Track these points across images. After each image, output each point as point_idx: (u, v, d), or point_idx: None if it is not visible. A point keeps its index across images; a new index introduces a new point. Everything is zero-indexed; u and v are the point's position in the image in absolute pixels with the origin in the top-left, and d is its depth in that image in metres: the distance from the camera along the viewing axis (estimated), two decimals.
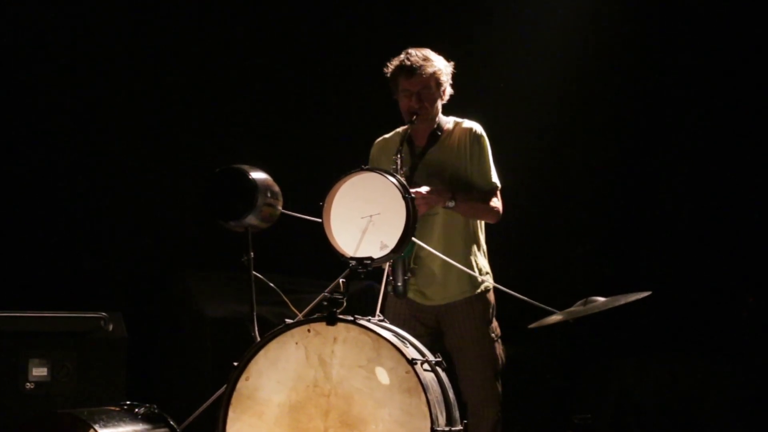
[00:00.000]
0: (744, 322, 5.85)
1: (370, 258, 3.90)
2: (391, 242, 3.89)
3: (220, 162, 4.17)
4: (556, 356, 6.09)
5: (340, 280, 3.88)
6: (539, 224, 6.82)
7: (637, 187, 6.72)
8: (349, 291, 3.84)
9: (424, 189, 4.46)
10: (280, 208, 4.14)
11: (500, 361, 4.70)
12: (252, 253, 4.11)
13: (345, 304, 3.77)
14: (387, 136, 4.82)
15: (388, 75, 4.68)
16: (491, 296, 4.72)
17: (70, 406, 4.31)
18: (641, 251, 6.62)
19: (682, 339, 6.17)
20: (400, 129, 4.75)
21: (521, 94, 6.53)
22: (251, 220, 4.05)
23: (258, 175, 4.07)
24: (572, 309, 4.14)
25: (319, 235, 3.98)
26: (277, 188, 4.13)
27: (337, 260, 3.98)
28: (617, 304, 4.08)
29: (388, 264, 4.37)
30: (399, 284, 4.51)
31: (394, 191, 3.92)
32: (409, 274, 4.54)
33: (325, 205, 3.99)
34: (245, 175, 4.03)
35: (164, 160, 6.10)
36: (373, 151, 4.85)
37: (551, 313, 4.17)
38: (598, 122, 6.75)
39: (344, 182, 4.01)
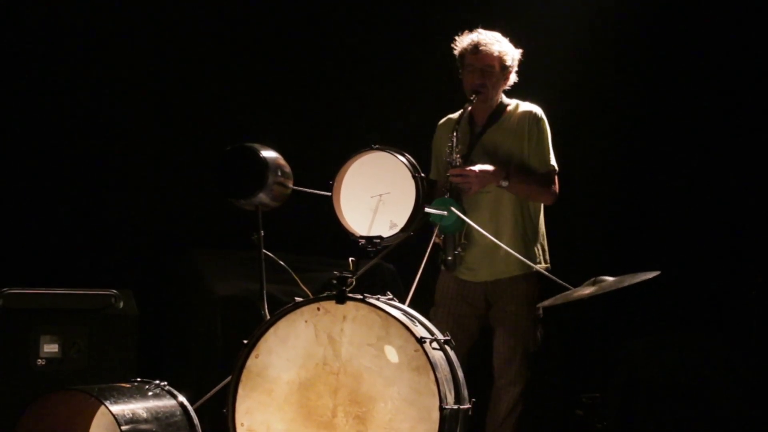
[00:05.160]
0: (753, 301, 5.84)
1: (379, 237, 3.91)
2: (401, 221, 3.90)
3: (231, 140, 4.17)
4: (565, 335, 6.09)
5: (350, 259, 3.90)
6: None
7: (646, 165, 6.69)
8: (359, 270, 3.86)
9: (477, 167, 4.50)
10: (290, 186, 4.15)
11: (535, 345, 4.73)
12: (262, 232, 4.13)
13: (354, 282, 3.78)
14: (452, 115, 4.89)
15: (456, 51, 4.74)
16: (539, 279, 4.73)
17: (81, 382, 4.31)
18: (650, 231, 6.60)
19: (692, 319, 6.17)
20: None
21: (536, 64, 6.50)
22: (261, 198, 4.06)
23: (269, 153, 4.07)
24: (582, 288, 4.14)
25: (328, 214, 3.99)
26: (287, 167, 4.13)
27: (346, 239, 3.99)
28: (626, 284, 4.08)
29: (438, 238, 4.44)
30: (449, 258, 4.63)
31: (403, 170, 3.92)
32: (459, 249, 4.60)
33: (335, 184, 3.99)
34: (256, 153, 4.04)
35: (175, 138, 6.09)
36: (438, 130, 4.94)
37: (566, 289, 4.17)
38: (606, 100, 6.71)
39: (354, 161, 4.01)
